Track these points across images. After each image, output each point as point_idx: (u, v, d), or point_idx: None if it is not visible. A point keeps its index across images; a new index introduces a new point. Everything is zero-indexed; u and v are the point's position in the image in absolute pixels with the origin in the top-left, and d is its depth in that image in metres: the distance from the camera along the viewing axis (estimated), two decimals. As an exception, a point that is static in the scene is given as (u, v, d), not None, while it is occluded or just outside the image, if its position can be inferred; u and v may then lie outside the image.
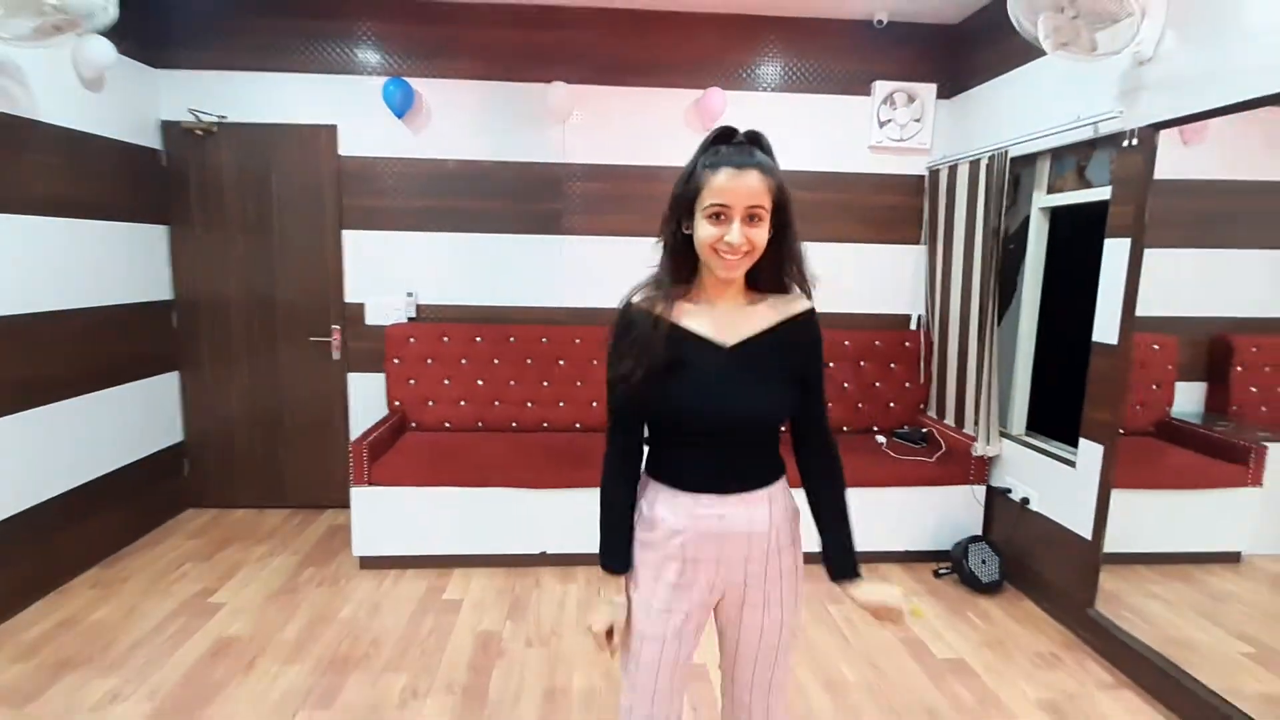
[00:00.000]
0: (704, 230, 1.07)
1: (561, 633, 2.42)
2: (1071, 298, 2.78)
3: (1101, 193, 2.46)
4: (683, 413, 1.14)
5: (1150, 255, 2.37)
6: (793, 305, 1.17)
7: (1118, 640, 2.33)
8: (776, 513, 1.19)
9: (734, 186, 1.04)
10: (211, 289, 3.32)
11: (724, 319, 1.15)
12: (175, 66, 3.16)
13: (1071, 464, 2.57)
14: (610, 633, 1.21)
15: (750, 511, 1.17)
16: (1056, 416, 2.91)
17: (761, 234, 1.07)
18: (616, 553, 1.22)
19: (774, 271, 1.16)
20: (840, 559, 1.22)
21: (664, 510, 1.18)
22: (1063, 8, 2.10)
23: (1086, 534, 2.47)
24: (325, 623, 2.45)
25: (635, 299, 1.17)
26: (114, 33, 2.47)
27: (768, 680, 1.27)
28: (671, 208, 1.13)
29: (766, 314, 1.16)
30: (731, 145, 1.11)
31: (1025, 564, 2.79)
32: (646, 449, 1.23)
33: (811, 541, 1.26)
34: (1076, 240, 2.79)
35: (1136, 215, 2.26)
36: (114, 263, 2.94)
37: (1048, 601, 2.67)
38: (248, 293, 3.33)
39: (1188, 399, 2.63)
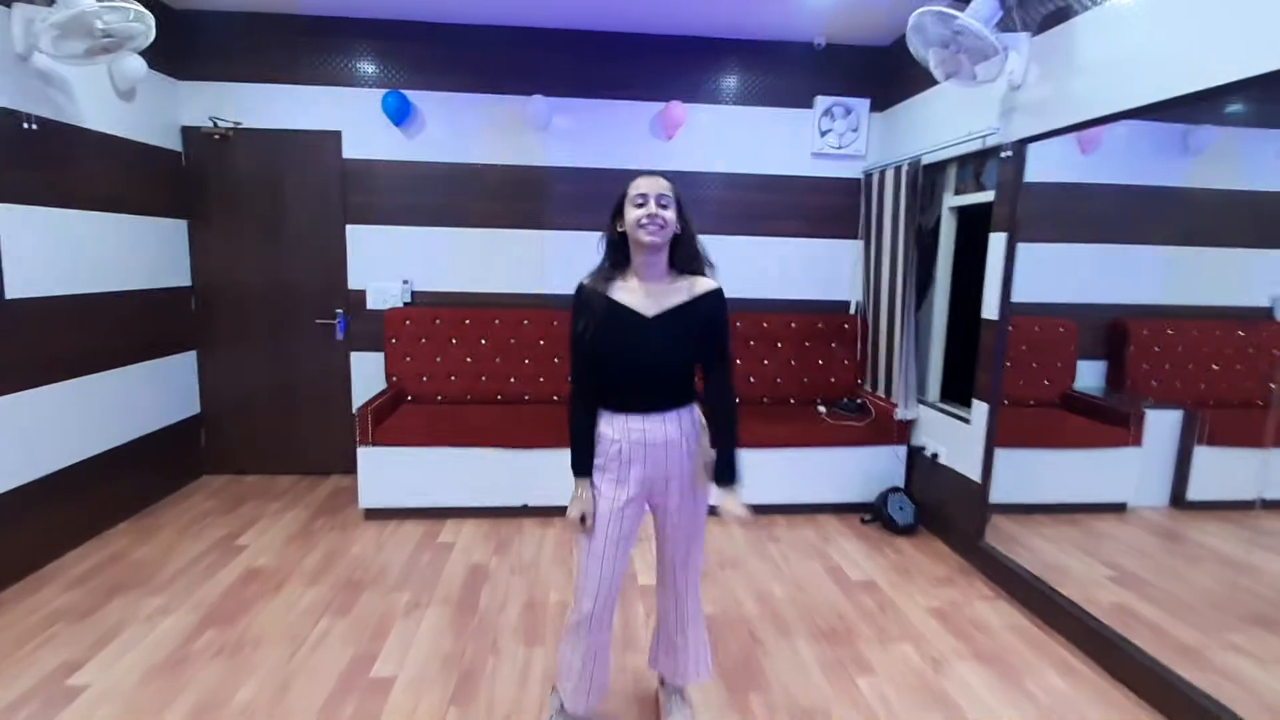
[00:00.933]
0: (632, 213, 1.54)
1: (540, 564, 2.86)
2: (975, 284, 3.28)
3: (990, 195, 2.95)
4: (616, 361, 1.61)
5: (1055, 250, 2.84)
6: (702, 285, 1.64)
7: (1001, 565, 2.82)
8: (685, 428, 1.66)
9: (648, 183, 1.55)
10: (226, 277, 3.71)
11: (649, 296, 1.61)
12: (196, 78, 3.55)
13: (968, 421, 3.06)
14: (584, 518, 1.66)
15: (665, 427, 1.63)
16: (963, 385, 3.40)
17: (670, 214, 1.54)
18: (583, 462, 1.67)
19: (686, 258, 1.62)
20: (720, 470, 1.68)
21: (605, 427, 1.64)
22: (948, 44, 2.59)
23: (977, 478, 2.96)
24: (338, 557, 2.87)
25: (586, 281, 1.63)
26: (144, 49, 2.86)
27: (685, 555, 1.74)
28: (612, 215, 1.61)
29: (681, 292, 1.62)
30: (646, 174, 1.61)
31: (934, 509, 3.29)
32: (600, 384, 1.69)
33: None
34: (978, 235, 3.29)
35: (1011, 213, 2.75)
36: (140, 252, 3.32)
37: (949, 537, 3.16)
38: (259, 280, 3.73)
39: (1093, 375, 3.11)
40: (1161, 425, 2.90)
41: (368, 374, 3.82)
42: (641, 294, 1.61)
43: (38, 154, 2.68)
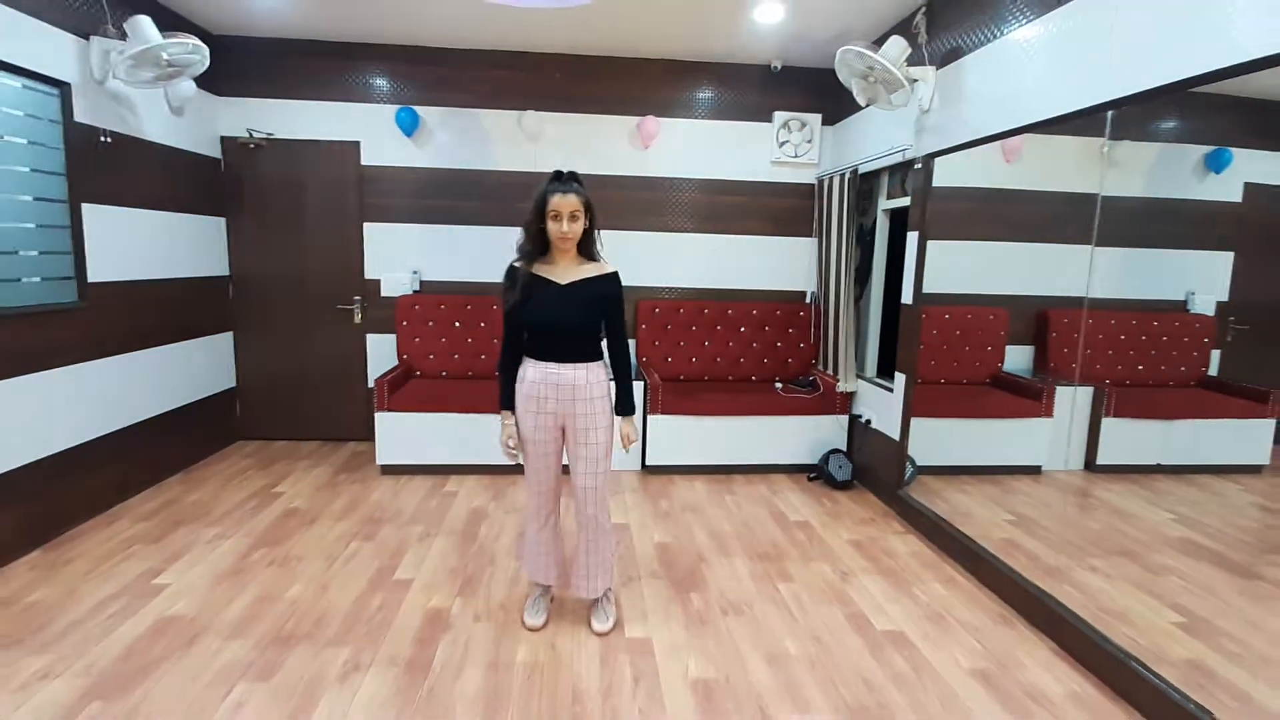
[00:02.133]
0: (550, 225, 2.07)
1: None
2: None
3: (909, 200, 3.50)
4: (537, 318, 2.14)
5: (984, 247, 3.35)
6: (603, 269, 2.19)
7: (914, 509, 3.37)
8: (591, 376, 2.19)
9: (562, 202, 2.06)
10: (259, 267, 4.26)
11: (563, 272, 2.15)
12: (234, 95, 4.08)
13: (890, 390, 3.61)
14: (509, 442, 2.22)
15: (574, 373, 2.17)
16: (893, 362, 3.95)
17: (579, 226, 2.08)
18: (507, 399, 2.24)
19: (589, 248, 2.17)
20: (620, 402, 2.27)
21: (529, 370, 2.19)
22: (866, 75, 3.14)
23: (896, 436, 3.51)
24: (361, 501, 3.41)
25: (516, 263, 2.17)
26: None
27: (595, 478, 2.25)
28: (533, 213, 2.11)
29: (587, 271, 2.17)
30: (561, 180, 2.11)
31: (867, 466, 3.84)
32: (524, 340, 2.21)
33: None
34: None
35: (921, 215, 3.30)
36: (187, 245, 3.86)
37: (876, 489, 3.72)
38: (287, 270, 4.27)
39: (1024, 359, 3.62)
40: (1074, 400, 3.44)
41: (381, 353, 4.37)
42: (556, 270, 2.16)
43: (111, 162, 3.22)
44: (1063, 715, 1.95)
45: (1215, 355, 3.13)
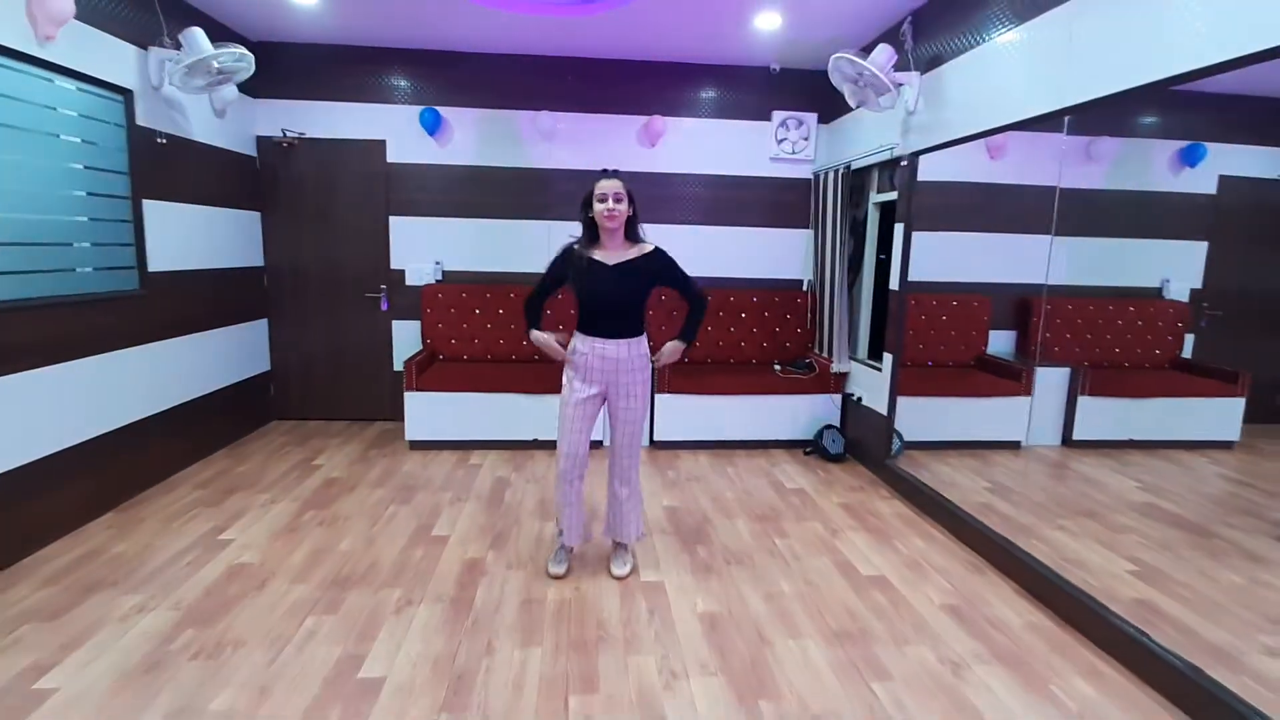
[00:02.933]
0: (597, 207, 2.38)
1: (549, 478, 3.73)
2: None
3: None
4: (589, 297, 2.45)
5: (969, 237, 3.62)
6: (646, 248, 2.48)
7: (901, 478, 3.68)
8: (634, 350, 2.50)
9: (608, 185, 2.38)
10: (291, 258, 4.56)
11: (611, 255, 2.45)
12: (269, 97, 4.38)
13: (879, 370, 3.92)
14: (556, 341, 2.52)
15: (618, 348, 2.47)
16: (883, 344, 4.25)
17: (623, 207, 2.38)
18: (533, 322, 2.54)
19: (634, 232, 2.47)
20: (685, 330, 2.56)
21: (578, 344, 2.50)
22: (856, 79, 3.43)
23: (884, 411, 3.82)
24: (393, 473, 3.73)
25: (574, 245, 2.48)
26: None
27: (628, 442, 2.57)
28: (583, 204, 2.44)
29: (632, 253, 2.47)
30: (605, 173, 2.43)
31: (858, 440, 4.15)
32: (576, 314, 2.52)
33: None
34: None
35: (907, 208, 3.59)
36: (226, 237, 4.16)
37: (866, 460, 4.03)
38: (318, 261, 4.57)
39: (1007, 342, 3.89)
40: (1053, 380, 3.72)
41: (406, 338, 4.68)
42: (605, 254, 2.46)
43: (165, 161, 3.52)
44: (1019, 641, 2.27)
45: (1189, 339, 3.41)
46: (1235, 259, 2.96)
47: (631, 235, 2.49)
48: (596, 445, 4.18)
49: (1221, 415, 3.00)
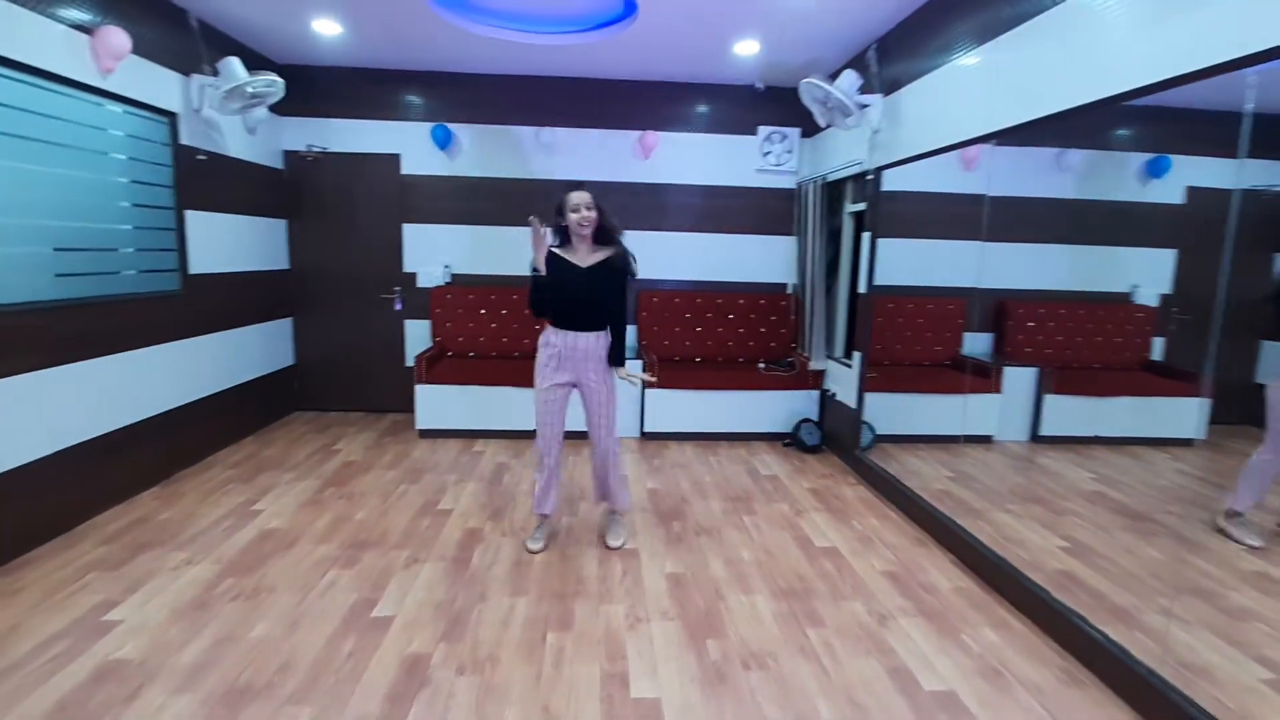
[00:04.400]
0: (571, 216, 2.69)
1: (544, 462, 4.09)
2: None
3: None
4: (562, 294, 2.74)
5: (947, 245, 3.82)
6: (611, 250, 2.79)
7: (867, 466, 4.00)
8: (600, 343, 2.81)
9: (578, 197, 2.68)
10: (314, 262, 4.98)
11: (583, 257, 2.75)
12: (295, 115, 4.80)
13: (850, 367, 4.24)
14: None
15: (588, 341, 2.79)
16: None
17: (593, 214, 2.67)
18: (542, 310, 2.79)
19: (604, 235, 2.77)
20: (612, 356, 2.83)
21: (552, 336, 2.80)
22: (824, 101, 3.76)
23: (853, 404, 4.15)
24: (404, 457, 4.12)
25: (553, 248, 2.77)
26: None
27: (604, 422, 2.88)
28: (557, 211, 2.74)
29: (601, 255, 2.76)
30: (573, 188, 2.73)
31: (832, 433, 4.48)
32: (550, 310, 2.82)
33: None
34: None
35: (874, 218, 3.92)
36: (256, 243, 4.58)
37: (839, 451, 4.36)
38: (338, 264, 4.98)
39: (985, 344, 4.15)
40: (1022, 379, 3.99)
41: (417, 336, 5.07)
42: (577, 256, 2.74)
43: (204, 175, 3.94)
44: (945, 600, 2.59)
45: (1158, 342, 3.66)
46: (1204, 266, 3.27)
47: (602, 239, 2.76)
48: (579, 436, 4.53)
49: (1184, 415, 3.20)
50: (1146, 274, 3.53)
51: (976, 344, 4.16)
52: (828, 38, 3.93)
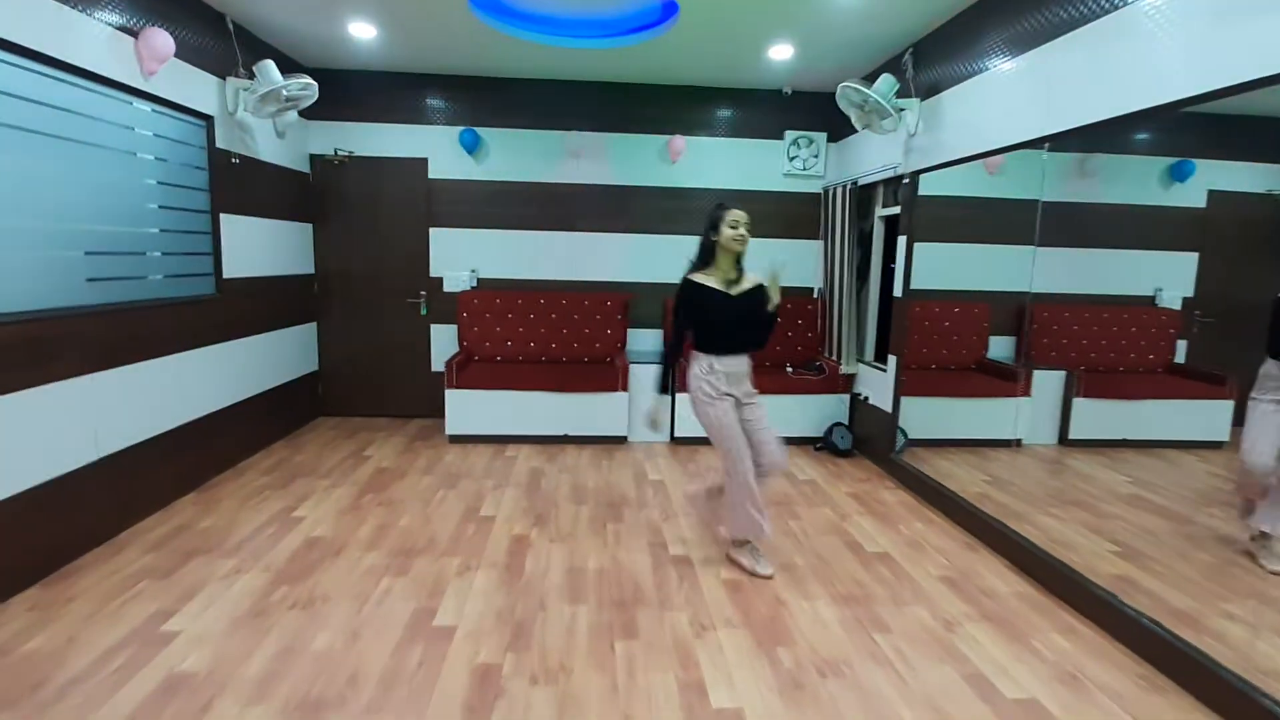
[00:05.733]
0: (725, 232, 2.65)
1: (580, 468, 4.06)
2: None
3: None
4: (713, 323, 2.69)
5: (969, 248, 3.89)
6: (754, 279, 2.77)
7: (904, 470, 3.98)
8: (749, 365, 2.79)
9: (739, 214, 2.68)
10: (340, 266, 4.94)
11: (728, 284, 2.71)
12: (322, 119, 4.77)
13: (884, 371, 4.23)
14: (655, 421, 2.83)
15: (741, 363, 2.75)
16: (888, 347, 4.56)
17: (747, 234, 2.68)
18: (664, 386, 2.83)
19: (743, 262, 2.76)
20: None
21: (715, 363, 2.70)
22: (862, 105, 3.77)
23: (889, 409, 4.13)
24: (437, 463, 4.08)
25: (692, 276, 2.74)
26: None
27: (766, 428, 2.79)
28: (707, 227, 2.71)
29: (746, 282, 2.74)
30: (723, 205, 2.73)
31: (864, 437, 4.47)
32: (699, 337, 2.76)
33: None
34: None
35: (909, 222, 3.92)
36: (284, 247, 4.54)
37: (872, 454, 4.34)
38: (364, 269, 4.95)
39: (1008, 348, 4.16)
40: (1050, 383, 4.00)
41: (443, 341, 5.04)
42: (722, 281, 2.70)
43: (238, 179, 3.91)
44: (1007, 605, 2.57)
45: (1182, 344, 3.66)
46: (1225, 269, 3.19)
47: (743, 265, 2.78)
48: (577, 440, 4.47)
49: (1211, 417, 3.21)
50: (1169, 277, 3.54)
51: (997, 348, 4.15)
52: (862, 42, 3.94)
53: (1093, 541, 3.07)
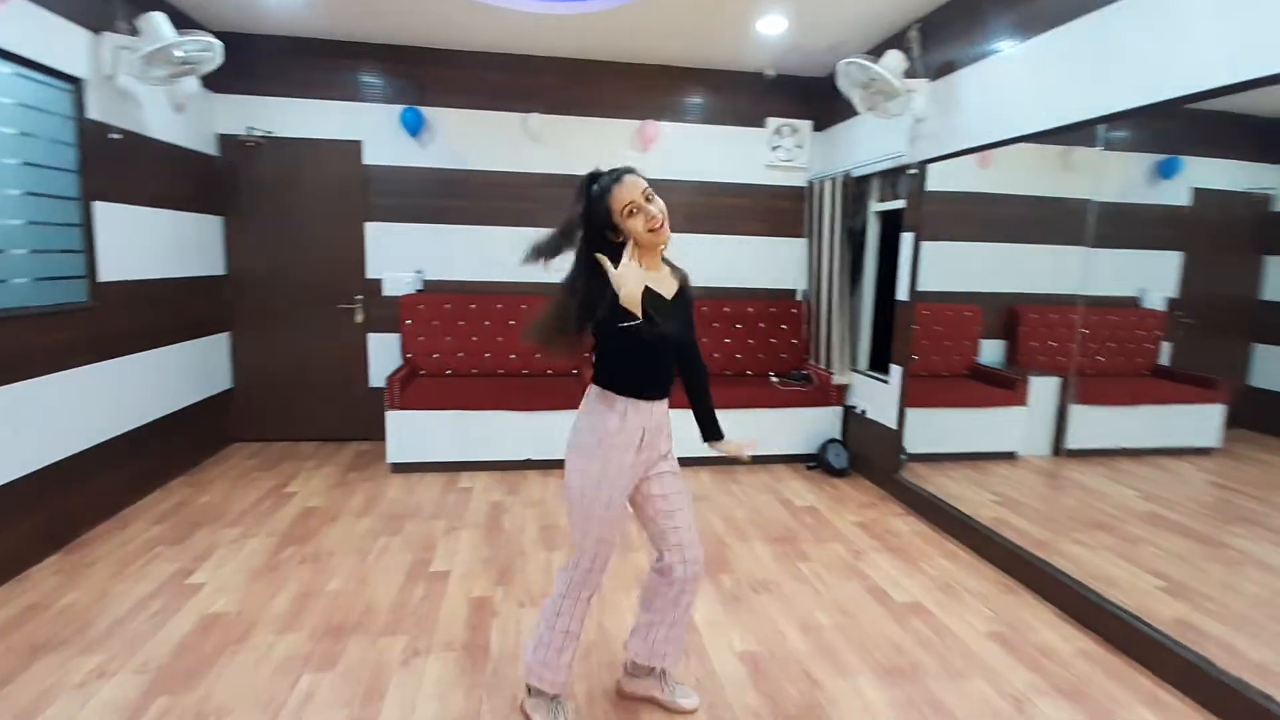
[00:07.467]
0: (627, 222, 1.60)
1: (547, 500, 3.49)
2: (894, 274, 4.04)
3: (903, 202, 3.72)
4: (653, 344, 1.59)
5: (957, 247, 3.56)
6: (680, 270, 1.84)
7: (912, 492, 3.59)
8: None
9: (633, 184, 1.62)
10: (257, 266, 4.21)
11: (659, 281, 1.70)
12: (233, 92, 4.03)
13: (886, 382, 3.83)
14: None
15: (664, 406, 1.78)
16: (886, 354, 4.17)
17: (661, 202, 1.64)
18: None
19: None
20: (708, 425, 1.92)
21: (630, 415, 1.68)
22: (867, 85, 3.34)
23: (893, 425, 3.73)
24: (378, 499, 3.44)
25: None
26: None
27: (682, 509, 1.80)
28: (585, 215, 1.66)
29: (674, 278, 1.78)
30: (611, 171, 1.66)
31: (863, 454, 4.06)
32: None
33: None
34: (895, 234, 4.06)
35: (915, 217, 3.52)
36: (184, 244, 3.78)
37: (873, 474, 3.94)
38: (286, 270, 4.23)
39: (997, 352, 3.84)
40: (1043, 389, 3.70)
41: (383, 353, 4.37)
42: (653, 279, 1.65)
43: (119, 159, 3.17)
44: (1075, 671, 2.17)
45: (1166, 346, 3.44)
46: (1209, 269, 3.00)
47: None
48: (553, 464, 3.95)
49: (1201, 422, 3.03)
50: (1153, 277, 3.36)
51: (987, 352, 3.87)
52: (862, 16, 3.51)
53: (1133, 574, 2.75)
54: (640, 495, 1.77)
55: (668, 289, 1.70)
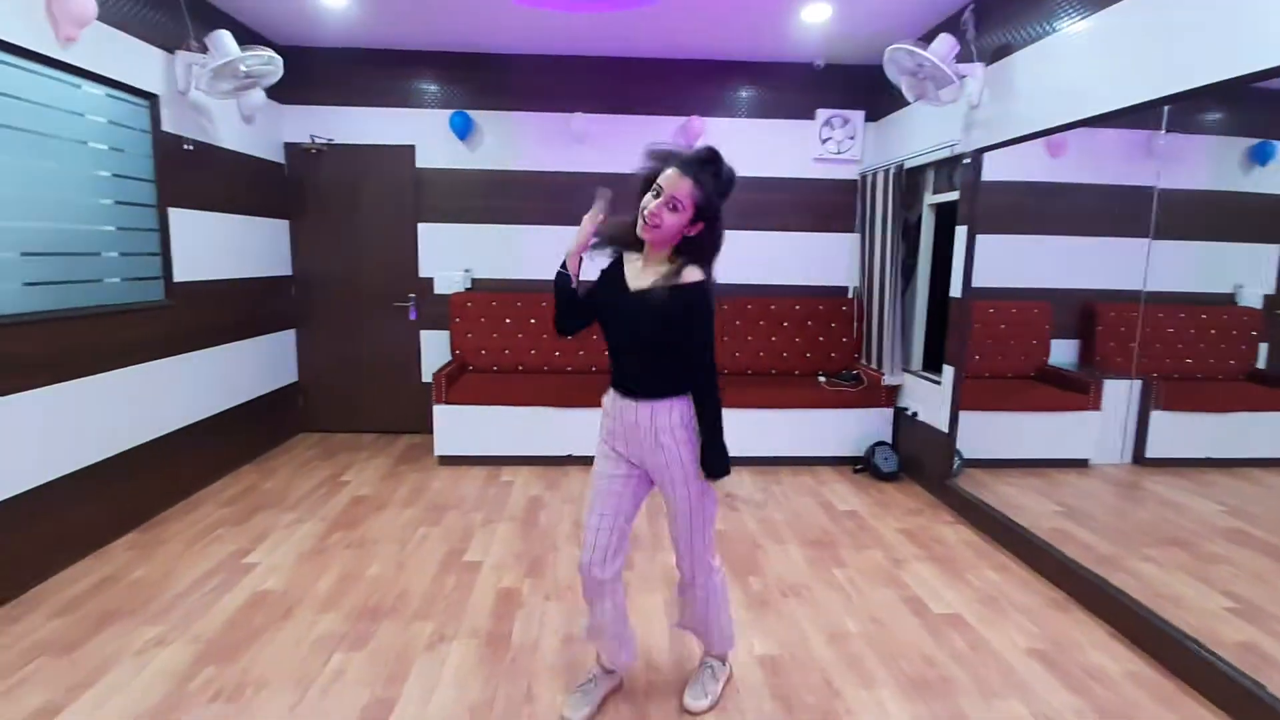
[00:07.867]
0: (646, 198, 1.62)
1: (586, 497, 3.53)
2: (950, 270, 3.85)
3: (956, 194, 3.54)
4: (608, 330, 1.80)
5: (1026, 241, 3.36)
6: (687, 276, 1.62)
7: (963, 499, 3.41)
8: (666, 420, 1.71)
9: (666, 176, 1.60)
10: (319, 267, 4.45)
11: (641, 272, 1.72)
12: (296, 103, 4.28)
13: (938, 383, 3.65)
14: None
15: (638, 411, 1.73)
16: (940, 354, 3.98)
17: (674, 220, 1.59)
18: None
19: (695, 252, 1.65)
20: (705, 457, 1.70)
21: (605, 399, 1.82)
22: (915, 72, 3.19)
23: (944, 428, 3.56)
24: (423, 490, 3.57)
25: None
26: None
27: (687, 537, 1.78)
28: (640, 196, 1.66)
29: (665, 276, 1.64)
30: (683, 159, 1.63)
31: (913, 458, 3.89)
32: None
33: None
34: (953, 228, 3.86)
35: (971, 209, 3.34)
36: (254, 246, 4.04)
37: (923, 479, 3.77)
38: (346, 270, 4.45)
39: (1069, 352, 3.62)
40: (1122, 394, 3.44)
41: (434, 348, 4.53)
42: (638, 269, 1.72)
43: (191, 168, 3.42)
44: (1123, 694, 2.01)
45: (1263, 348, 3.14)
46: None
47: (693, 254, 1.63)
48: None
49: None
50: (1249, 272, 3.06)
51: (1058, 353, 3.63)
52: (911, 1, 3.36)
53: (1202, 594, 2.52)
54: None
55: (643, 282, 1.67)
